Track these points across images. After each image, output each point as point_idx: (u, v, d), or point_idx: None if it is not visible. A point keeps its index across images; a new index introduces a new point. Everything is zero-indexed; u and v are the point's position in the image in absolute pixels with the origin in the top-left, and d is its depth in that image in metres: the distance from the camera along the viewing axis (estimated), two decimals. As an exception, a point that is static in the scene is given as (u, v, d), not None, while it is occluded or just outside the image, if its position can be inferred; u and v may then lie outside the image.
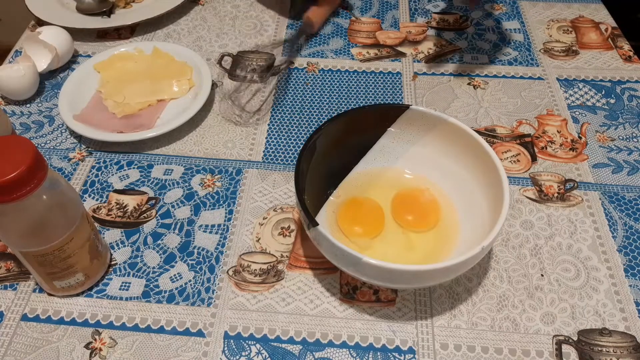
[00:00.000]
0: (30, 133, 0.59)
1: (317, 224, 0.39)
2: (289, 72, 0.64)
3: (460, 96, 0.62)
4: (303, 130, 0.58)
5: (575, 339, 0.42)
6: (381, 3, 0.75)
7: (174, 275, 0.46)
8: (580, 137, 0.57)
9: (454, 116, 0.54)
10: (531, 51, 0.67)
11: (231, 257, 0.48)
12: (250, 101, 0.60)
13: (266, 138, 0.57)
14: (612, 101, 0.61)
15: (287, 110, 0.60)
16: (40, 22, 0.70)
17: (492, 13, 0.73)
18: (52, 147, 0.57)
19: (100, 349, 0.42)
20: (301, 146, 0.51)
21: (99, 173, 0.54)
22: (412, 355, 0.41)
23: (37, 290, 0.46)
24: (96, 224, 0.49)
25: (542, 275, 0.46)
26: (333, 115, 0.58)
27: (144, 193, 0.53)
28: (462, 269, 0.40)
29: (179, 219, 0.50)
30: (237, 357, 0.42)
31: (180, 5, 0.73)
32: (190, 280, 0.46)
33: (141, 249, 0.48)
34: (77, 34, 0.68)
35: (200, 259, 0.47)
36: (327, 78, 0.64)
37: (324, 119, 0.59)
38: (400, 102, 0.61)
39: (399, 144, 0.51)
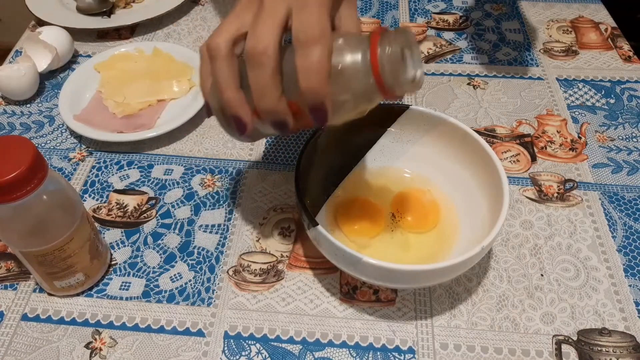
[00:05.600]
0: (31, 133, 0.59)
1: (317, 224, 0.39)
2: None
3: (460, 96, 0.62)
4: (303, 131, 0.58)
5: (575, 338, 0.42)
6: (381, 3, 0.75)
7: (174, 275, 0.46)
8: (579, 137, 0.57)
9: (453, 116, 0.54)
10: (531, 51, 0.67)
11: (231, 257, 0.48)
12: None
13: (266, 138, 0.57)
14: (612, 101, 0.61)
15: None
16: (41, 22, 0.70)
17: (492, 13, 0.73)
18: (52, 147, 0.57)
19: (101, 349, 0.42)
20: (301, 146, 0.51)
21: (99, 173, 0.54)
22: (411, 355, 0.42)
23: (37, 290, 0.46)
24: (96, 224, 0.49)
25: (541, 275, 0.46)
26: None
27: (144, 193, 0.53)
28: (462, 269, 0.40)
29: (179, 219, 0.50)
30: (237, 357, 0.42)
31: (180, 5, 0.73)
32: (190, 280, 0.46)
33: (141, 249, 0.48)
34: (77, 34, 0.68)
35: (201, 259, 0.47)
36: (327, 78, 0.64)
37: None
38: (400, 102, 0.61)
39: (399, 144, 0.51)
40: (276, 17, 0.33)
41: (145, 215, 0.51)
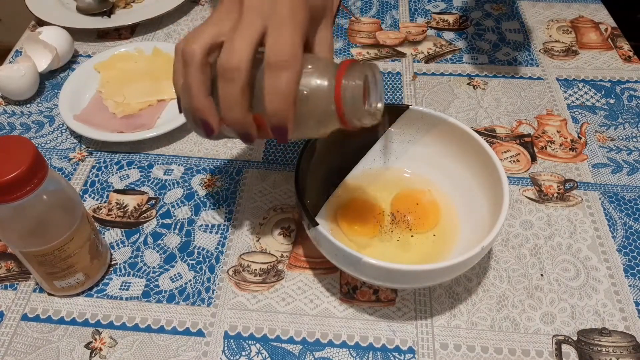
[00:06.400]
0: (31, 133, 0.59)
1: (317, 224, 0.39)
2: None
3: (460, 96, 0.62)
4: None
5: (575, 338, 0.42)
6: (381, 3, 0.75)
7: (174, 275, 0.46)
8: (579, 137, 0.57)
9: (453, 116, 0.54)
10: (531, 51, 0.67)
11: (231, 257, 0.48)
12: None
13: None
14: (612, 101, 0.61)
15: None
16: (41, 22, 0.70)
17: (492, 13, 0.73)
18: (52, 147, 0.57)
19: (101, 349, 0.42)
20: (301, 146, 0.51)
21: (99, 173, 0.54)
22: (411, 355, 0.42)
23: (37, 290, 0.46)
24: (96, 224, 0.49)
25: (541, 275, 0.46)
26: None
27: (144, 193, 0.53)
28: (462, 269, 0.40)
29: (179, 219, 0.50)
30: (237, 357, 0.42)
31: (180, 5, 0.73)
32: (190, 280, 0.46)
33: (141, 249, 0.48)
34: (77, 34, 0.68)
35: (201, 259, 0.47)
36: (327, 78, 0.64)
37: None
38: (400, 102, 0.61)
39: (399, 144, 0.51)
40: (251, 33, 0.34)
41: (145, 215, 0.51)
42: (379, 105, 0.37)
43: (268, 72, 0.33)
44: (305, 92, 0.34)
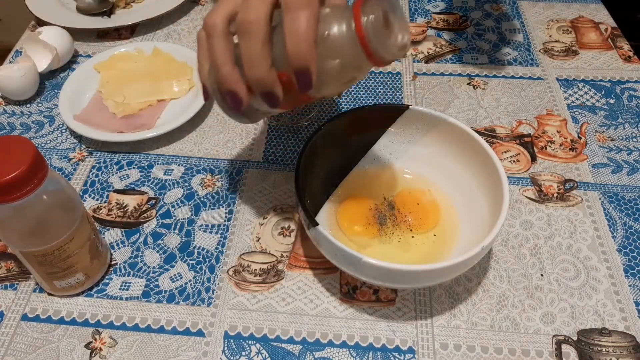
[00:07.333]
0: (31, 133, 0.59)
1: (317, 224, 0.39)
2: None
3: (460, 96, 0.62)
4: (303, 130, 0.58)
5: (575, 338, 0.42)
6: (381, 3, 0.75)
7: (174, 275, 0.46)
8: (579, 137, 0.57)
9: (453, 116, 0.54)
10: (531, 51, 0.67)
11: (231, 257, 0.48)
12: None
13: (266, 138, 0.57)
14: (612, 101, 0.61)
15: (287, 110, 0.60)
16: (41, 22, 0.70)
17: (492, 13, 0.73)
18: (52, 147, 0.57)
19: (101, 349, 0.42)
20: (301, 146, 0.51)
21: (99, 173, 0.54)
22: (411, 355, 0.42)
23: (37, 290, 0.46)
24: (96, 224, 0.49)
25: (541, 275, 0.46)
26: (333, 115, 0.58)
27: (144, 193, 0.53)
28: (462, 269, 0.40)
29: (179, 219, 0.50)
30: (237, 357, 0.42)
31: (180, 5, 0.73)
32: (190, 280, 0.46)
33: (141, 249, 0.48)
34: (77, 34, 0.68)
35: (200, 259, 0.47)
36: (327, 78, 0.64)
37: (324, 119, 0.60)
38: (400, 102, 0.61)
39: (399, 144, 0.51)
40: None
41: (145, 215, 0.51)
42: (406, 35, 0.35)
43: (286, 15, 0.34)
44: (326, 36, 0.34)
